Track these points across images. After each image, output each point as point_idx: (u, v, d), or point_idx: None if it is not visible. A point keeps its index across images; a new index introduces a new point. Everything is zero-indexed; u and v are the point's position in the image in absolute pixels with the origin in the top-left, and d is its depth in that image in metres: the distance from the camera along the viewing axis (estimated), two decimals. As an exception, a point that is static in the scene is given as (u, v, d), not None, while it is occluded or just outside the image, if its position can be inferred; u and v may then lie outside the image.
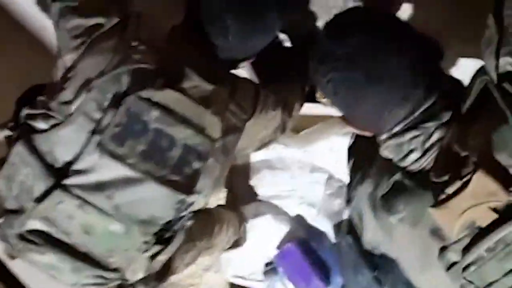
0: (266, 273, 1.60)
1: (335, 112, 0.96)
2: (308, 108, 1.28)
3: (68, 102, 0.84)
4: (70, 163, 0.85)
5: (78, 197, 0.85)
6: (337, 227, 1.46)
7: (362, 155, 0.96)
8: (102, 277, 0.93)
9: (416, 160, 0.77)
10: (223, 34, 0.95)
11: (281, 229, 1.58)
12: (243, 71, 1.14)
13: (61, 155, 0.85)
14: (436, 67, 0.77)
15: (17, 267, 1.01)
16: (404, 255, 0.85)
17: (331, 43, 0.77)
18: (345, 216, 1.45)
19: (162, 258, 0.97)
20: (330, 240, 1.49)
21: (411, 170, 0.78)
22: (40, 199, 0.86)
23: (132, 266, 0.95)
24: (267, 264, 1.59)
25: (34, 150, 0.85)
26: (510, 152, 0.65)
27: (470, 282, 0.71)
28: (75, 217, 0.86)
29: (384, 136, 0.79)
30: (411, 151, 0.77)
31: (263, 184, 1.60)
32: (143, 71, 0.85)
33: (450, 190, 0.69)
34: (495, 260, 0.67)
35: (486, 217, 0.66)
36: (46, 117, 0.85)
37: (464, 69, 1.00)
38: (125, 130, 0.84)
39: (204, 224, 1.15)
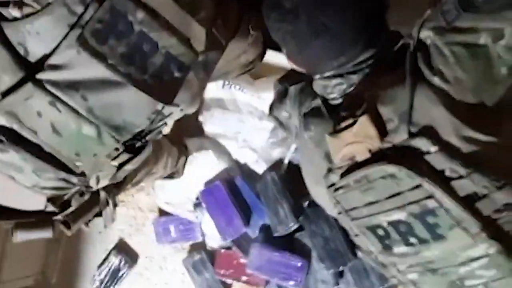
0: (196, 205, 1.66)
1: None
2: (271, 56, 1.30)
3: None
4: (45, 57, 0.77)
5: (51, 94, 0.78)
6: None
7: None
8: (65, 180, 0.90)
9: (334, 99, 0.88)
10: None
11: (219, 167, 1.64)
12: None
13: (35, 47, 0.77)
14: (378, 23, 0.84)
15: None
16: (307, 167, 0.99)
17: None
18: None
19: (129, 167, 0.95)
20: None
21: (330, 103, 0.89)
22: (7, 92, 0.79)
23: (98, 173, 0.93)
24: (198, 197, 1.66)
25: (4, 39, 0.77)
26: (394, 108, 0.75)
27: (338, 202, 0.86)
28: (45, 115, 0.80)
29: (316, 76, 0.90)
30: (332, 92, 0.88)
31: (211, 122, 1.64)
32: None
33: (343, 124, 0.81)
34: (359, 191, 0.81)
35: (362, 154, 0.79)
36: (20, 4, 0.76)
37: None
38: (108, 28, 0.77)
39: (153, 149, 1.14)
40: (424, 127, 0.73)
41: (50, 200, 0.95)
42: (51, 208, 0.96)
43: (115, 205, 1.10)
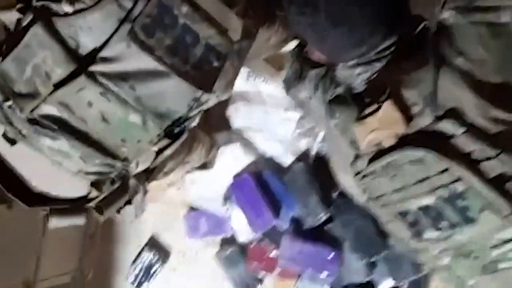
0: (225, 199, 1.67)
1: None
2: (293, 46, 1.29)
3: None
4: (96, 50, 0.83)
5: (102, 85, 0.84)
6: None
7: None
8: (109, 165, 0.96)
9: (358, 87, 0.88)
10: None
11: (247, 160, 1.64)
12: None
13: (86, 41, 0.83)
14: (397, 10, 0.83)
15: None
16: (334, 155, 1.00)
17: None
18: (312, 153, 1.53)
19: (167, 153, 1.01)
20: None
21: (353, 89, 0.89)
22: (60, 84, 0.84)
23: (139, 158, 0.99)
24: (227, 191, 1.66)
25: (55, 33, 0.82)
26: (418, 92, 0.75)
27: (364, 190, 0.85)
28: (95, 105, 0.86)
29: (339, 66, 0.90)
30: (356, 81, 0.87)
31: (237, 115, 1.65)
32: None
33: (367, 110, 0.80)
34: (386, 178, 0.80)
35: (388, 140, 0.78)
36: (71, 0, 0.82)
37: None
38: (155, 22, 0.83)
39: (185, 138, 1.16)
40: (449, 110, 0.72)
41: (94, 184, 1.00)
42: (94, 193, 1.01)
43: (145, 192, 1.14)
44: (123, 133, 0.91)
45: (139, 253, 1.80)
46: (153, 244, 1.80)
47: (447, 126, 0.72)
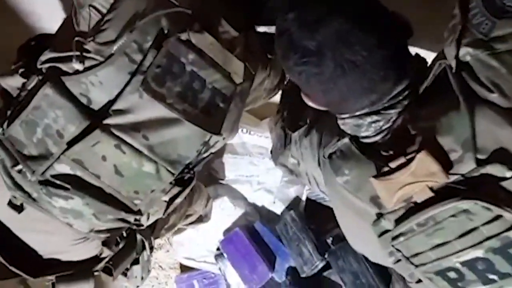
0: (217, 256, 1.63)
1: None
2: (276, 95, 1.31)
3: (110, 42, 0.85)
4: (109, 104, 0.86)
5: (117, 137, 0.86)
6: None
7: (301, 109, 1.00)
8: (122, 220, 0.96)
9: (370, 137, 0.81)
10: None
11: (237, 213, 1.62)
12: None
13: (98, 96, 0.85)
14: (405, 53, 0.78)
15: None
16: (344, 215, 0.90)
17: (302, 33, 0.74)
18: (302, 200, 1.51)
19: (178, 201, 1.01)
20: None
21: (362, 141, 0.82)
22: (74, 141, 0.86)
23: (152, 209, 0.99)
24: (219, 247, 1.63)
25: (66, 92, 0.84)
26: (455, 137, 0.69)
27: (398, 250, 0.77)
28: (109, 158, 0.88)
29: (345, 115, 0.82)
30: (367, 131, 0.80)
31: (224, 168, 1.65)
32: (180, 14, 0.87)
33: (393, 164, 0.73)
34: (424, 234, 0.73)
35: (422, 194, 0.72)
36: (81, 58, 0.84)
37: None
38: (165, 72, 0.85)
39: None
40: (494, 152, 0.67)
41: (105, 243, 1.00)
42: (106, 252, 1.01)
43: (151, 248, 1.13)
44: (137, 185, 0.92)
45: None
46: (145, 311, 1.72)
47: (495, 170, 0.66)
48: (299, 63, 0.76)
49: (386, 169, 0.74)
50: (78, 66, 0.84)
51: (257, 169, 1.58)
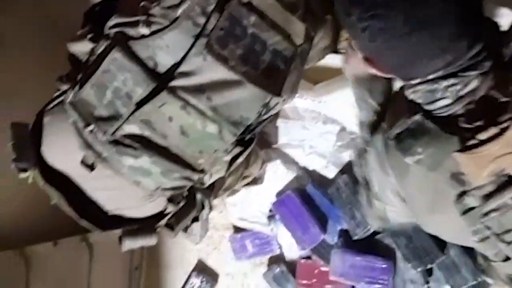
0: (269, 218, 1.67)
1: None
2: (328, 59, 1.31)
3: (174, 6, 0.89)
4: (174, 66, 0.90)
5: (182, 99, 0.91)
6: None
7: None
8: (187, 178, 1.01)
9: (447, 106, 0.75)
10: None
11: (289, 177, 1.65)
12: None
13: (164, 59, 0.90)
14: (479, 13, 0.72)
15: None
16: (415, 195, 0.87)
17: None
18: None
19: (239, 161, 1.07)
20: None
21: (437, 113, 0.77)
22: (143, 102, 0.91)
23: (214, 168, 1.04)
24: (271, 209, 1.67)
25: (134, 56, 0.89)
26: None
27: (488, 227, 0.74)
28: (175, 119, 0.92)
29: (416, 81, 0.77)
30: (443, 98, 0.74)
31: (275, 133, 1.66)
32: None
33: (482, 136, 0.69)
34: None
35: None
36: (148, 22, 0.89)
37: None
38: (227, 34, 0.88)
39: None
40: None
41: (170, 200, 1.05)
42: (170, 208, 1.05)
43: (210, 208, 1.18)
44: (200, 145, 0.96)
45: (187, 279, 1.81)
46: (201, 269, 1.80)
47: None
48: (364, 18, 0.71)
49: (472, 142, 0.70)
50: (144, 30, 0.89)
51: (309, 133, 1.59)
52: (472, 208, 0.74)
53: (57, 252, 1.49)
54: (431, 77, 0.74)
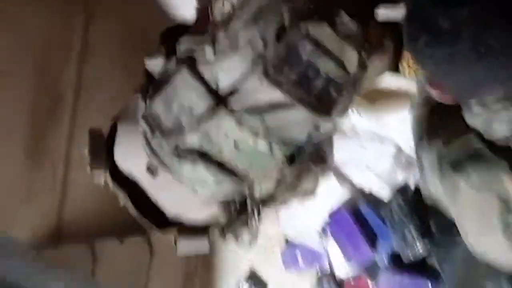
0: (321, 234, 1.70)
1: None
2: (388, 80, 1.35)
3: (237, 33, 0.99)
4: (234, 87, 0.98)
5: (238, 118, 0.99)
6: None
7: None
8: (238, 190, 1.09)
9: (506, 137, 0.76)
10: None
11: (342, 194, 1.67)
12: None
13: (225, 80, 0.99)
14: None
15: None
16: (464, 218, 0.88)
17: (435, 11, 0.71)
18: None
19: (288, 179, 1.12)
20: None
21: (494, 141, 0.78)
22: (203, 118, 1.00)
23: (264, 183, 1.11)
24: (323, 225, 1.70)
25: (199, 77, 1.00)
26: None
27: None
28: (230, 135, 1.00)
29: (472, 103, 0.77)
30: (501, 129, 0.75)
31: (331, 149, 1.63)
32: (301, 8, 0.98)
33: None
34: None
35: None
36: (213, 47, 0.99)
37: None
38: (283, 61, 0.96)
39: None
40: None
41: (223, 208, 1.12)
42: (223, 216, 1.13)
43: (260, 217, 1.22)
44: (251, 160, 1.04)
45: (238, 287, 1.86)
46: (252, 277, 1.86)
47: None
48: (430, 44, 0.73)
49: None
50: (210, 55, 0.99)
51: (366, 152, 1.60)
52: None
53: (123, 249, 1.62)
54: (486, 101, 0.75)
